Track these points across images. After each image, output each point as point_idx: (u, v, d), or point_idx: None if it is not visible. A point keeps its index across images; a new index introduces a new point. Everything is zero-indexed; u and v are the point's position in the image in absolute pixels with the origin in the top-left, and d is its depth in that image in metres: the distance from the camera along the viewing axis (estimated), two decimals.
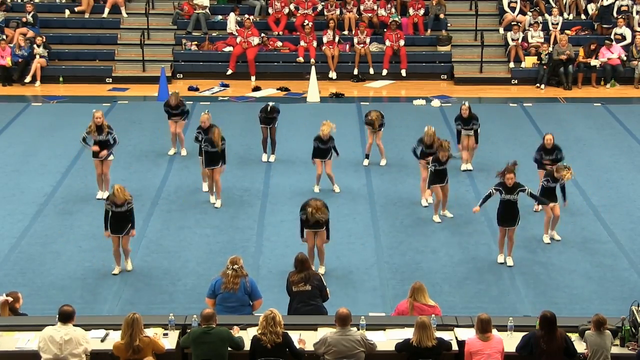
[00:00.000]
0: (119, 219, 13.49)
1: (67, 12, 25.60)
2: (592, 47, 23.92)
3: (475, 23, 25.31)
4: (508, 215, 13.92)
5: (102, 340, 10.26)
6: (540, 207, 15.39)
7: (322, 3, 25.49)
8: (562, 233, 14.97)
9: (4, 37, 24.21)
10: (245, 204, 16.31)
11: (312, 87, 22.72)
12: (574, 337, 10.17)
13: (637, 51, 24.03)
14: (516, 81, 24.21)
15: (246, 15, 25.14)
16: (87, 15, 25.55)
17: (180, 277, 13.67)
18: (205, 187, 16.60)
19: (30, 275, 13.65)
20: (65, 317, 9.85)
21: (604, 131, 20.38)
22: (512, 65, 24.42)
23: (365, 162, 18.10)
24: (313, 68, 23.23)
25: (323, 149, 16.37)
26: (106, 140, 16.04)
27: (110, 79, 24.10)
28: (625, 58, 24.11)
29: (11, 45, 23.99)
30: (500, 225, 14.07)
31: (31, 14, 24.77)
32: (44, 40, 24.10)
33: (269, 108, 18.01)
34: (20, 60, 23.73)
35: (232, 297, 11.07)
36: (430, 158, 15.39)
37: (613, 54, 23.97)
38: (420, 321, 9.83)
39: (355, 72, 24.57)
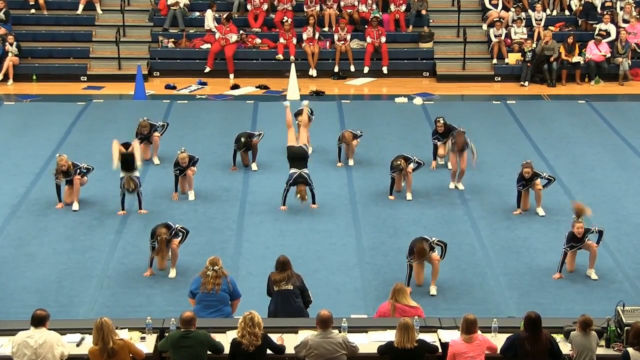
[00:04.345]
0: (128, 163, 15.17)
1: (33, 10, 25.32)
2: (570, 41, 23.81)
3: (458, 19, 25.20)
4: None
5: (78, 345, 10.16)
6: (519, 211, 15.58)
7: None
8: (548, 232, 14.87)
9: None
10: (224, 204, 16.11)
11: (292, 84, 22.51)
12: (559, 338, 10.10)
13: (622, 47, 23.95)
14: (499, 78, 24.13)
15: (224, 16, 24.76)
16: (46, 13, 25.26)
17: (157, 279, 13.46)
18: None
19: (3, 279, 13.42)
20: (38, 321, 9.71)
21: (589, 129, 20.31)
22: (495, 62, 24.31)
23: (339, 164, 17.87)
24: (293, 65, 23.04)
25: None
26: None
27: (85, 77, 23.81)
28: (610, 55, 24.02)
29: None
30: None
31: (3, 11, 24.45)
32: (14, 37, 23.76)
33: (243, 140, 17.41)
34: None
35: (213, 296, 11.16)
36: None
37: (600, 51, 23.89)
38: (402, 322, 9.74)
39: (336, 69, 24.38)
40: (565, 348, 9.96)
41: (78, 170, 15.78)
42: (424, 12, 25.16)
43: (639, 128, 20.31)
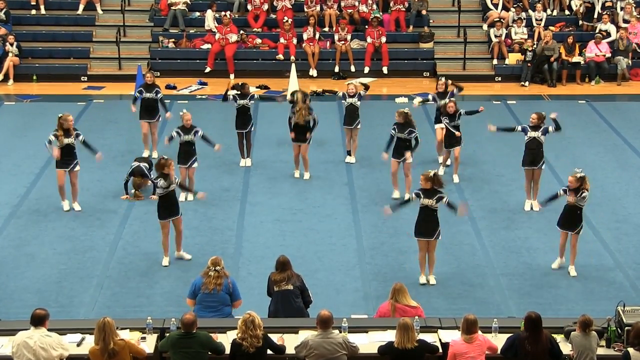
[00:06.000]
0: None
1: (34, 11, 25.29)
2: (570, 41, 23.77)
3: (458, 19, 25.17)
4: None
5: (79, 345, 10.12)
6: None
7: None
8: (548, 232, 14.81)
9: None
10: (224, 204, 16.07)
11: (292, 85, 22.42)
12: (559, 338, 10.05)
13: (623, 44, 23.88)
14: (500, 78, 24.12)
15: (223, 13, 24.77)
16: (45, 13, 25.21)
17: (157, 279, 13.44)
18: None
19: (3, 279, 13.37)
20: (38, 320, 9.67)
21: (589, 129, 20.28)
22: (495, 62, 24.27)
23: (347, 158, 17.90)
24: (293, 65, 22.99)
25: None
26: (72, 145, 15.52)
27: (86, 77, 23.80)
28: (610, 55, 23.98)
29: None
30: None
31: (3, 11, 24.41)
32: (15, 38, 23.74)
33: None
34: None
35: (214, 297, 11.10)
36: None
37: (601, 51, 23.84)
38: (402, 322, 9.70)
39: (337, 69, 24.35)
40: (566, 348, 9.90)
41: (77, 136, 15.55)
42: (424, 12, 25.14)
43: (639, 128, 20.29)
